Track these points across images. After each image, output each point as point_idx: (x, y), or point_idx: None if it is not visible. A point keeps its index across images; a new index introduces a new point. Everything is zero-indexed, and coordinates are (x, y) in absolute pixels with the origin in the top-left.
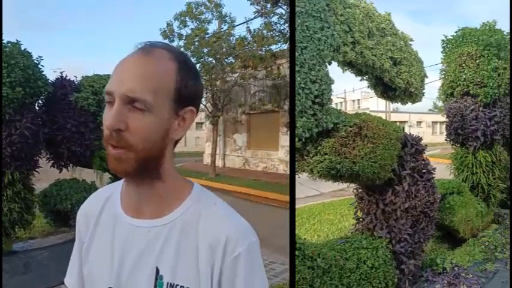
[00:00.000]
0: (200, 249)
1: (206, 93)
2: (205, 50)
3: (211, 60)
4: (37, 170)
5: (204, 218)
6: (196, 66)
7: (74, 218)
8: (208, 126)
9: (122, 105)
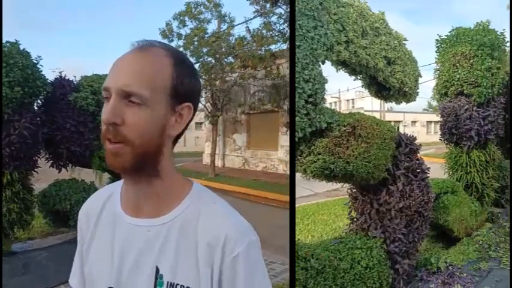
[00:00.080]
0: (199, 249)
1: (205, 93)
2: (205, 50)
3: (210, 60)
4: (36, 170)
5: (203, 217)
6: (195, 65)
7: (73, 219)
8: (207, 126)
9: (119, 100)
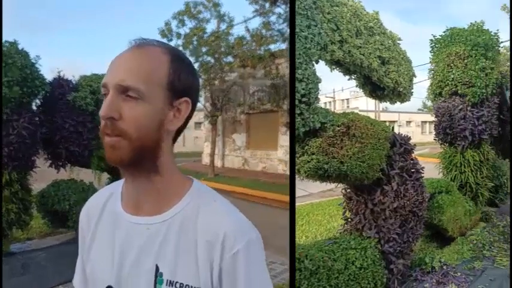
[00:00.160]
0: (199, 246)
1: (205, 93)
2: (204, 49)
3: (209, 59)
4: (35, 170)
5: (203, 215)
6: (194, 65)
7: (71, 219)
8: (207, 126)
9: (116, 95)
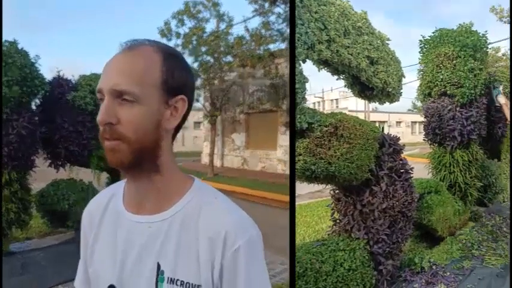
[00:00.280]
0: (200, 244)
1: (204, 93)
2: (203, 49)
3: (209, 59)
4: (34, 169)
5: (204, 212)
6: (193, 64)
7: (71, 219)
8: (206, 126)
9: (111, 100)
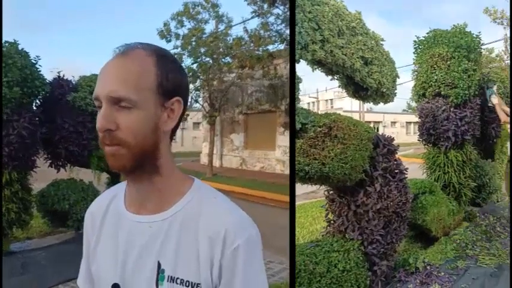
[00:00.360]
0: (200, 243)
1: (203, 93)
2: (202, 50)
3: (208, 60)
4: (35, 170)
5: (204, 212)
6: (193, 66)
7: (71, 218)
8: (205, 126)
9: (109, 107)
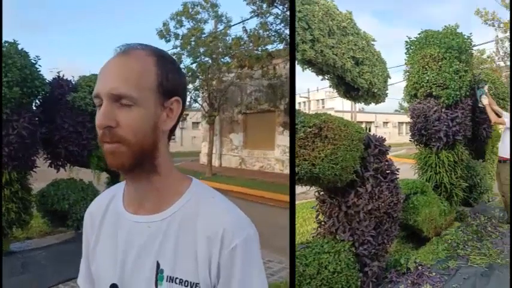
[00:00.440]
0: (198, 243)
1: (202, 93)
2: (202, 50)
3: (207, 60)
4: (34, 169)
5: (202, 212)
6: (192, 65)
7: (71, 218)
8: (204, 126)
9: (110, 104)
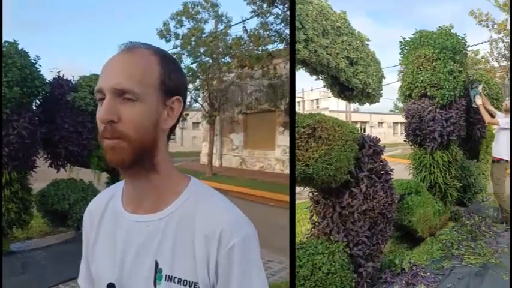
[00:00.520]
0: (196, 242)
1: (203, 93)
2: (202, 50)
3: (207, 59)
4: (34, 169)
5: (200, 210)
6: (192, 65)
7: (71, 218)
8: (205, 126)
9: (113, 99)
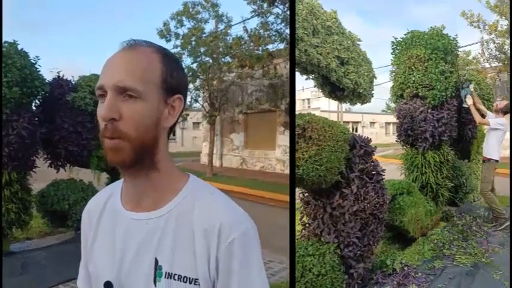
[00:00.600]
0: (196, 238)
1: (203, 93)
2: (202, 50)
3: (208, 59)
4: (34, 170)
5: (199, 207)
6: (193, 65)
7: (71, 218)
8: (205, 126)
9: (114, 96)
